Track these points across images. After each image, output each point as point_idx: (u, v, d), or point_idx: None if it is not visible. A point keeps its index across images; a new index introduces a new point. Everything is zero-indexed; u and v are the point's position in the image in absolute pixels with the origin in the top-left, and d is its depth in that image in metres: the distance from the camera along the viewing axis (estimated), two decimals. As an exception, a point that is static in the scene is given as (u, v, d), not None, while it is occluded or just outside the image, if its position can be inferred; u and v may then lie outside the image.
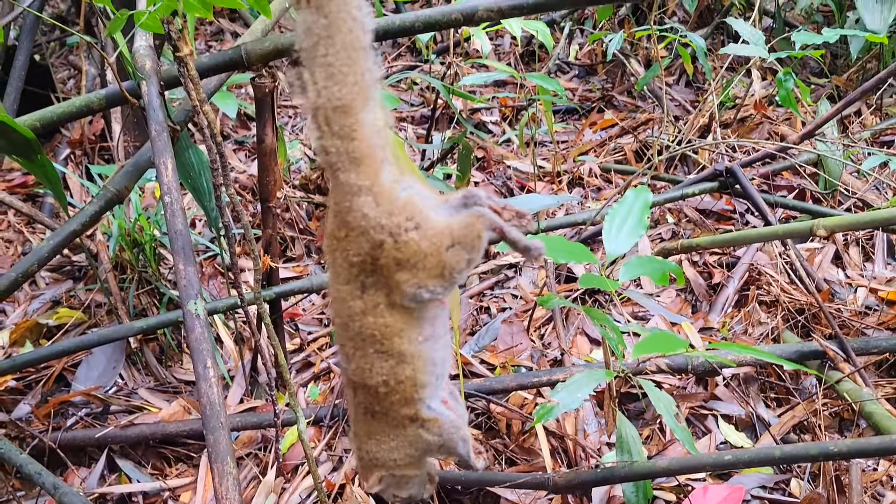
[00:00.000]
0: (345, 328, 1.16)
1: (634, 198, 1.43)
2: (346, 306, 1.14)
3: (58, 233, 1.83)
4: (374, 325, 1.13)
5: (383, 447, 1.26)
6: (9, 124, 1.75)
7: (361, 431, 1.27)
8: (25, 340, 2.40)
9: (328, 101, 1.04)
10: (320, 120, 1.05)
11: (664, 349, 1.28)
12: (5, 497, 2.06)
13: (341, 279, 1.13)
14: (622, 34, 3.35)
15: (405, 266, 1.09)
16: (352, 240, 1.09)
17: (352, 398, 1.25)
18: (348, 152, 1.06)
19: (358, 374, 1.18)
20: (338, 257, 1.12)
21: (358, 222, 1.08)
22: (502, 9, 1.67)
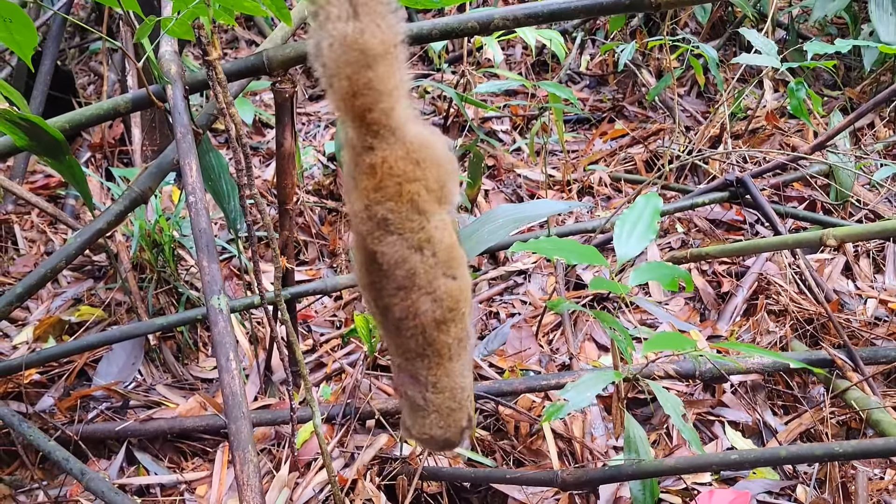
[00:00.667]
0: (433, 270, 1.16)
1: (645, 203, 1.47)
2: (430, 247, 1.15)
3: (84, 230, 1.89)
4: (451, 246, 1.18)
5: (468, 371, 1.29)
6: (40, 125, 1.82)
7: (456, 368, 1.24)
8: (48, 336, 2.47)
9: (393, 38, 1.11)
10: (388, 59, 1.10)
11: (673, 347, 1.31)
12: (28, 486, 2.12)
13: (424, 220, 1.14)
14: (634, 45, 3.40)
15: (451, 175, 1.19)
16: (428, 171, 1.14)
17: (439, 351, 1.22)
18: (403, 88, 1.13)
19: (452, 304, 1.18)
20: (419, 199, 1.13)
21: (426, 152, 1.14)
22: (518, 17, 1.72)
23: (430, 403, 1.26)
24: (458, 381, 1.26)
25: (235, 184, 2.11)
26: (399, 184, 1.12)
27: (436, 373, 1.23)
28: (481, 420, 2.21)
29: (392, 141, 1.12)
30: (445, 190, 1.18)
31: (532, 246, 1.45)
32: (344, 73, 1.08)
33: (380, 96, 1.09)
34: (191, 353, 2.53)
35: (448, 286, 1.18)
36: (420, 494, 1.94)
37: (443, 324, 1.19)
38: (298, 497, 1.96)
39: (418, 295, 1.16)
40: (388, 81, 1.09)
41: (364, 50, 1.07)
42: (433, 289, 1.17)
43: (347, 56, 1.07)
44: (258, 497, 1.28)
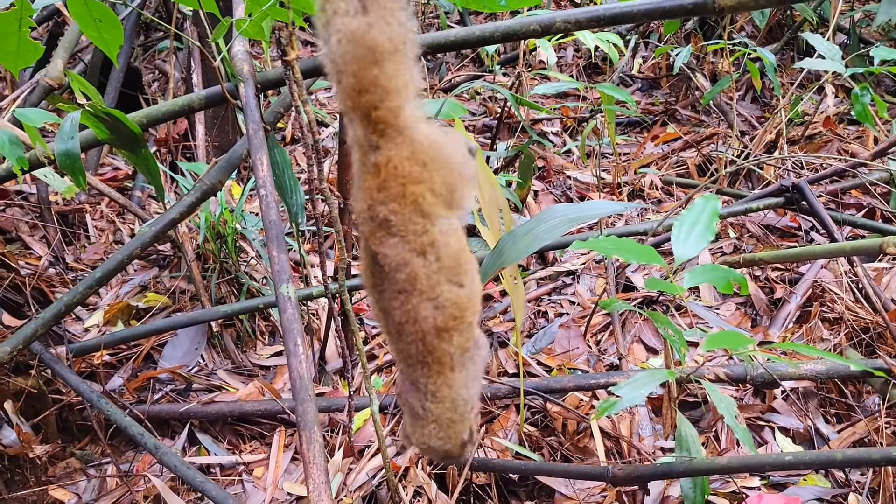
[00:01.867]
0: (436, 276, 1.13)
1: (703, 205, 1.49)
2: (433, 252, 1.12)
3: (158, 220, 2.00)
4: (458, 253, 1.14)
5: (471, 383, 1.24)
6: (121, 120, 1.92)
7: (459, 380, 1.21)
8: (117, 320, 2.59)
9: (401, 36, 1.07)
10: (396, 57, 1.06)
11: (732, 345, 1.33)
12: (97, 461, 2.24)
13: (428, 223, 1.11)
14: (690, 48, 3.39)
15: (463, 179, 1.15)
16: (434, 173, 1.10)
17: (440, 359, 1.18)
18: (412, 86, 1.09)
19: (456, 311, 1.15)
20: (423, 202, 1.10)
21: (433, 153, 1.10)
22: (580, 20, 1.76)
23: (430, 413, 1.22)
24: (460, 393, 1.21)
25: (297, 179, 2.20)
26: (403, 185, 1.09)
27: (436, 381, 1.19)
28: (529, 416, 2.25)
29: (399, 141, 1.09)
30: (456, 195, 1.14)
31: (591, 244, 1.49)
32: (350, 70, 1.05)
33: (387, 94, 1.06)
34: (249, 341, 2.63)
35: (452, 293, 1.14)
36: (469, 485, 1.99)
37: (444, 332, 1.15)
38: (352, 482, 2.03)
39: (419, 300, 1.13)
40: (396, 79, 1.07)
41: (372, 46, 1.04)
42: (435, 295, 1.13)
43: (354, 52, 1.04)
44: (323, 475, 1.34)
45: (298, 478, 2.15)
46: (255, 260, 2.79)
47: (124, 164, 3.66)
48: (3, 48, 1.71)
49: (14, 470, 2.13)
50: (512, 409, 2.26)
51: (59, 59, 2.61)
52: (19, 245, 2.95)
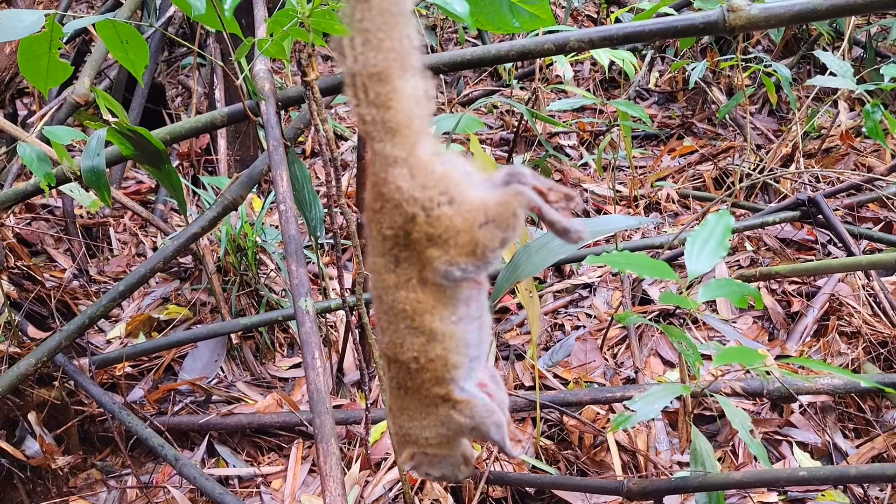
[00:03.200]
0: (379, 301, 1.14)
1: (716, 221, 1.50)
2: (380, 279, 1.12)
3: (181, 234, 2.04)
4: (406, 300, 1.10)
5: (415, 424, 1.22)
6: (145, 136, 1.98)
7: (395, 406, 1.23)
8: (139, 332, 2.64)
9: (363, 68, 1.01)
10: (357, 87, 1.02)
11: (744, 360, 1.34)
12: (118, 472, 2.28)
13: (377, 252, 1.11)
14: (705, 63, 3.40)
15: (436, 242, 1.05)
16: (386, 212, 1.05)
17: (386, 371, 1.22)
18: (384, 121, 1.02)
19: (391, 348, 1.16)
20: (373, 230, 1.09)
21: (392, 194, 1.04)
22: (593, 40, 1.78)
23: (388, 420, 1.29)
24: (397, 420, 1.24)
25: (316, 194, 2.24)
26: (367, 201, 1.09)
27: (388, 397, 1.25)
28: (545, 430, 2.26)
29: (379, 164, 1.05)
30: (419, 247, 1.07)
31: (605, 259, 1.51)
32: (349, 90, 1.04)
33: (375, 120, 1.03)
34: (268, 353, 2.67)
35: (394, 331, 1.14)
36: (486, 498, 2.00)
37: (385, 355, 1.19)
38: (369, 494, 2.05)
39: (377, 307, 1.16)
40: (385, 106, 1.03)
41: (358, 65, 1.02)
42: (389, 325, 1.14)
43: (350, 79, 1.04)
44: (339, 487, 1.36)
45: (316, 490, 2.18)
46: (275, 272, 2.83)
47: (147, 178, 3.73)
48: (33, 69, 1.77)
49: (36, 480, 2.17)
50: (528, 422, 2.27)
51: (86, 76, 2.68)
52: (44, 258, 3.02)
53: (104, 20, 1.67)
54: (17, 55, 1.74)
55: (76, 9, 5.37)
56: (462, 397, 1.18)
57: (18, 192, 2.15)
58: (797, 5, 1.53)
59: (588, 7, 5.40)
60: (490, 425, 1.22)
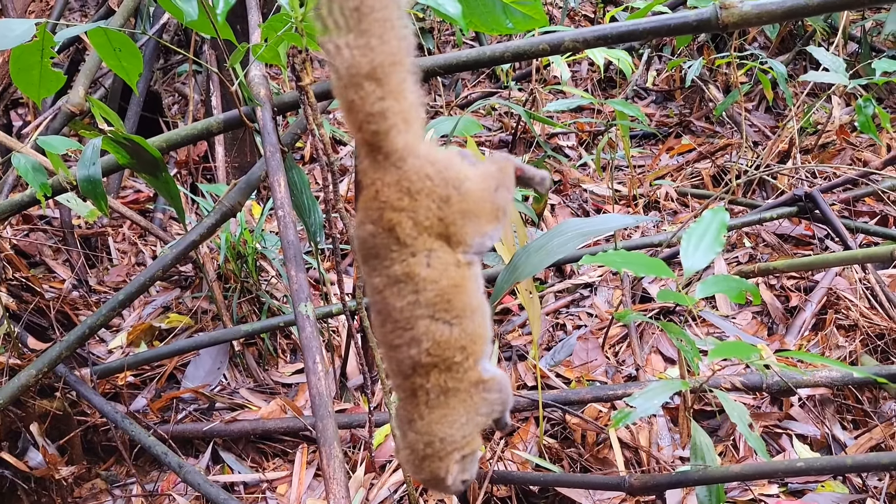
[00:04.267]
0: (412, 308, 1.09)
1: (712, 217, 1.51)
2: (411, 284, 1.08)
3: (180, 242, 2.05)
4: (448, 289, 1.09)
5: (456, 425, 1.16)
6: (141, 145, 1.99)
7: (435, 418, 1.15)
8: (140, 341, 2.65)
9: (385, 58, 1.03)
10: (378, 78, 1.03)
11: (740, 354, 1.35)
12: (122, 481, 2.29)
13: (406, 253, 1.08)
14: (701, 60, 3.42)
15: (469, 215, 1.10)
16: (420, 203, 1.06)
17: (415, 391, 1.15)
18: (402, 111, 1.05)
19: (434, 349, 1.11)
20: (400, 230, 1.07)
21: (423, 183, 1.06)
22: (587, 39, 1.79)
23: (405, 438, 1.17)
24: (437, 431, 1.14)
25: (315, 199, 2.25)
26: (381, 209, 1.06)
27: (411, 412, 1.15)
28: (548, 428, 2.26)
29: (385, 165, 1.06)
30: (454, 229, 1.09)
31: (601, 259, 1.51)
32: (338, 89, 1.05)
33: (368, 117, 1.04)
34: (271, 360, 2.68)
35: (434, 330, 1.09)
36: (490, 497, 2.01)
37: (420, 366, 1.11)
38: (374, 497, 2.05)
39: (393, 327, 1.10)
40: (378, 103, 1.04)
41: (352, 66, 1.02)
42: (411, 326, 1.09)
43: (342, 71, 1.03)
44: (343, 490, 1.37)
45: (321, 494, 2.18)
46: (276, 279, 2.84)
47: (145, 187, 3.74)
48: (26, 79, 1.78)
49: (40, 492, 2.18)
50: (531, 422, 2.28)
51: (80, 85, 2.68)
52: (43, 269, 3.02)
53: (96, 28, 1.68)
54: (10, 64, 1.75)
55: (69, 17, 5.38)
56: (489, 376, 1.18)
57: (15, 203, 2.15)
58: (789, 1, 1.54)
59: (585, 7, 5.41)
60: (508, 397, 1.22)
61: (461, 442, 1.17)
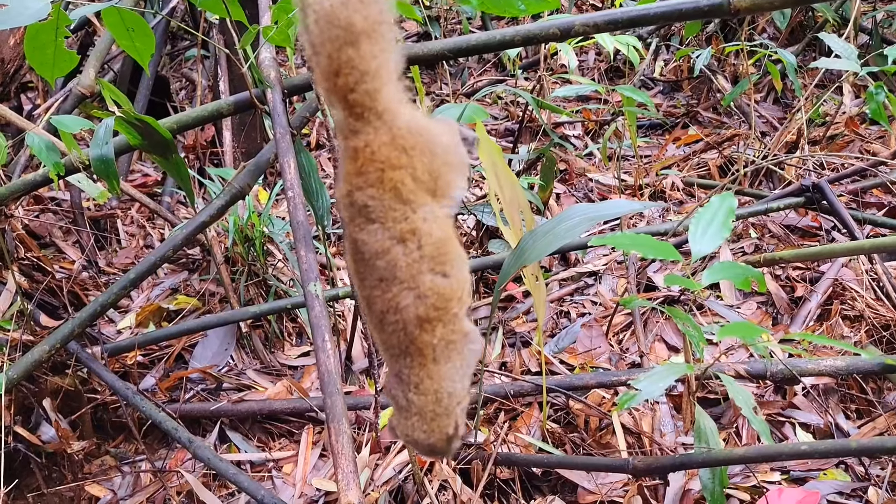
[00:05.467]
0: (417, 265, 1.11)
1: (720, 203, 1.52)
2: (415, 240, 1.10)
3: (190, 223, 2.07)
4: (442, 241, 1.12)
5: (457, 377, 1.19)
6: (153, 126, 2.00)
7: (443, 373, 1.17)
8: (149, 322, 2.68)
9: (376, 14, 1.05)
10: (372, 36, 1.05)
11: (747, 334, 1.36)
12: (131, 458, 2.32)
13: (408, 210, 1.10)
14: (710, 50, 3.41)
15: (451, 168, 1.13)
16: (415, 159, 1.09)
17: (422, 350, 1.15)
18: (392, 71, 1.08)
19: (439, 302, 1.12)
20: (403, 188, 1.09)
21: (415, 139, 1.09)
22: (598, 24, 1.79)
23: (413, 405, 1.18)
24: (444, 386, 1.17)
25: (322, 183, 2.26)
26: (381, 170, 1.07)
27: (418, 373, 1.16)
28: (552, 414, 2.28)
29: (377, 125, 1.07)
30: (440, 182, 1.12)
31: (610, 240, 1.52)
32: (326, 51, 1.04)
33: (363, 76, 1.05)
34: (277, 342, 2.70)
35: (435, 283, 1.11)
36: (494, 479, 2.03)
37: (427, 322, 1.12)
38: (379, 477, 2.07)
39: (399, 289, 1.11)
40: (372, 61, 1.05)
41: (346, 26, 1.03)
42: (416, 284, 1.10)
43: (329, 32, 1.04)
44: (352, 465, 1.39)
45: (327, 474, 2.21)
46: (283, 262, 2.86)
47: (154, 171, 3.76)
48: (40, 58, 1.79)
49: (51, 467, 2.21)
50: (535, 407, 2.30)
51: (90, 68, 2.70)
52: (53, 250, 3.05)
53: (110, 7, 1.69)
54: (24, 44, 1.76)
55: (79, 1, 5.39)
56: (470, 327, 1.20)
57: (28, 182, 2.17)
58: (800, -13, 1.54)
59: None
60: (481, 346, 1.25)
61: (462, 394, 1.20)
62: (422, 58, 2.00)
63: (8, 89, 2.71)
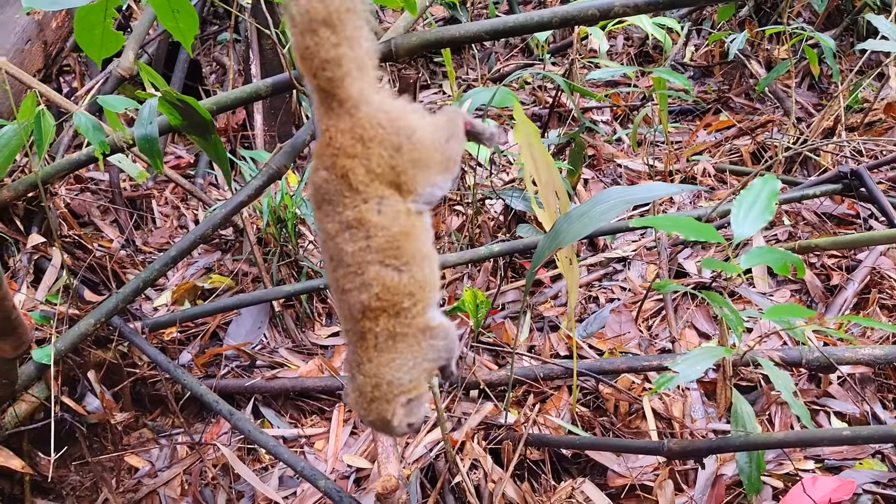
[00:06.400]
0: (363, 254, 1.12)
1: (762, 185, 1.51)
2: (363, 229, 1.11)
3: (228, 202, 2.10)
4: (397, 236, 1.12)
5: (403, 369, 1.19)
6: (193, 106, 2.03)
7: (383, 361, 1.18)
8: (184, 300, 2.72)
9: (339, 4, 1.05)
10: (332, 25, 1.05)
11: (794, 315, 1.36)
12: (168, 431, 2.37)
13: (358, 199, 1.11)
14: (745, 34, 3.36)
15: (420, 165, 1.12)
16: (372, 151, 1.09)
17: (370, 333, 1.17)
18: (357, 59, 1.07)
19: (384, 294, 1.13)
20: (356, 177, 1.09)
21: (375, 131, 1.08)
22: (638, 5, 1.78)
23: (354, 381, 1.20)
24: (384, 374, 1.17)
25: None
26: (335, 156, 1.09)
27: (360, 355, 1.18)
28: (581, 398, 2.29)
29: (339, 112, 1.08)
30: (405, 177, 1.12)
31: (651, 221, 1.52)
32: (294, 35, 1.06)
33: (323, 64, 1.05)
34: (308, 322, 2.73)
35: (382, 275, 1.12)
36: (524, 460, 2.04)
37: (370, 310, 1.14)
38: (410, 455, 2.10)
39: (345, 273, 1.13)
40: (332, 50, 1.05)
41: (306, 13, 1.04)
42: (362, 272, 1.12)
43: (297, 17, 1.05)
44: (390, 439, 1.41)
45: (358, 450, 2.24)
46: (313, 244, 2.89)
47: (186, 153, 3.81)
48: (88, 39, 1.82)
49: (92, 437, 2.27)
50: (564, 390, 2.31)
51: (130, 50, 2.74)
52: (92, 229, 3.10)
53: (158, -12, 1.71)
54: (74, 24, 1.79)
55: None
56: (437, 322, 1.22)
57: (72, 161, 2.22)
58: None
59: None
60: (455, 345, 1.26)
61: (408, 385, 1.20)
62: (458, 39, 2.01)
63: (50, 71, 2.76)
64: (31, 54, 2.69)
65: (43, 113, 2.02)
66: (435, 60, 4.82)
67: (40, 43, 2.71)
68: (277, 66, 3.39)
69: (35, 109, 2.02)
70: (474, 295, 2.37)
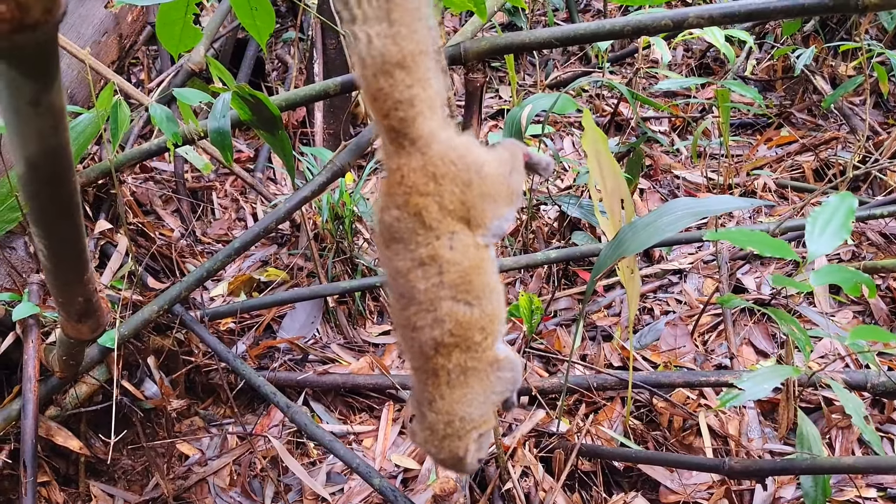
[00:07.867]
0: (435, 290, 1.12)
1: (839, 202, 1.46)
2: (436, 266, 1.11)
3: (293, 197, 2.13)
4: (468, 271, 1.12)
5: (474, 404, 1.18)
6: (264, 102, 2.07)
7: (455, 397, 1.18)
8: (240, 291, 2.77)
9: (413, 47, 1.05)
10: (407, 67, 1.06)
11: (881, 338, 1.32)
12: (219, 421, 2.42)
13: (431, 236, 1.11)
14: (813, 49, 3.28)
15: (488, 199, 1.13)
16: (444, 187, 1.09)
17: (436, 371, 1.17)
18: (428, 99, 1.08)
19: (456, 329, 1.13)
20: (427, 214, 1.10)
21: (447, 168, 1.09)
22: (713, 16, 1.75)
23: (425, 418, 1.19)
24: (457, 410, 1.16)
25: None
26: (408, 194, 1.09)
27: (432, 392, 1.17)
28: (634, 410, 2.26)
29: (410, 150, 1.09)
30: (474, 212, 1.12)
31: (724, 235, 1.50)
32: (364, 75, 1.07)
33: (396, 105, 1.07)
34: (360, 319, 2.76)
35: (455, 310, 1.12)
36: (575, 471, 2.03)
37: (442, 346, 1.13)
38: (459, 457, 2.10)
39: (417, 309, 1.13)
40: (406, 91, 1.06)
41: (380, 56, 1.05)
42: (434, 308, 1.12)
43: (367, 59, 1.05)
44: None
45: (406, 451, 2.25)
46: (368, 242, 2.92)
47: (246, 147, 3.88)
48: (168, 34, 1.88)
49: (145, 423, 2.32)
50: (617, 401, 2.28)
51: (201, 45, 2.81)
52: (153, 217, 3.19)
53: (241, -14, 1.75)
54: (156, 19, 1.85)
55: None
56: (503, 355, 1.21)
57: (143, 150, 2.28)
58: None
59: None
60: (520, 376, 1.25)
61: (478, 420, 1.19)
62: (529, 45, 2.00)
63: (123, 63, 2.85)
64: (107, 46, 2.78)
65: (119, 103, 2.08)
66: (492, 65, 4.83)
67: (116, 35, 2.80)
68: (340, 65, 3.44)
69: (112, 99, 2.09)
70: (529, 300, 2.36)
